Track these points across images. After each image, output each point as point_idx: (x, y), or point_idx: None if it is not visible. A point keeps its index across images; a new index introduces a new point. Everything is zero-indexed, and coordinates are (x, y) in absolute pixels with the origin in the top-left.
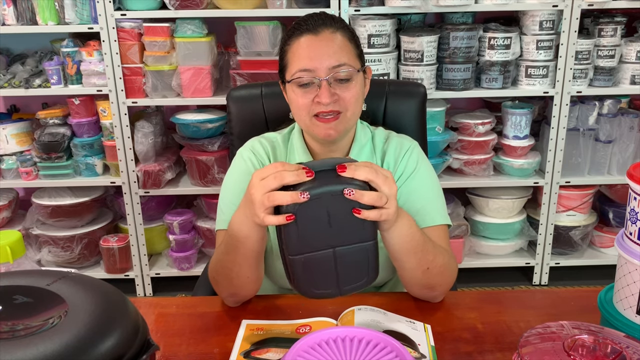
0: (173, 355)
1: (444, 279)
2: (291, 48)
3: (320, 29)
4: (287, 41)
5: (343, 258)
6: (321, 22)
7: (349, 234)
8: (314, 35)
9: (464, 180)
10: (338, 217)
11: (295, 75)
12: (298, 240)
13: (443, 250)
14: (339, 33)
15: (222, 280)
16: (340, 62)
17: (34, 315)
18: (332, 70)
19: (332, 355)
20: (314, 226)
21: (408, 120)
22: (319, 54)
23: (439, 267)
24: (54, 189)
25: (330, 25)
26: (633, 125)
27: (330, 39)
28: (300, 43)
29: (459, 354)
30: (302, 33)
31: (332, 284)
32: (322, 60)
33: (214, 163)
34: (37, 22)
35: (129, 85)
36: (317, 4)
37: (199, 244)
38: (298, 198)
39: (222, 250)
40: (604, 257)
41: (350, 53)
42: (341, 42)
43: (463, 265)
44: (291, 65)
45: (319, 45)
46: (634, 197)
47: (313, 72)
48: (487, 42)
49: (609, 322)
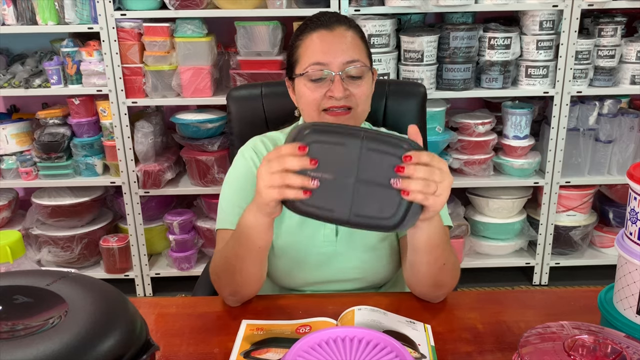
0: (173, 355)
1: (452, 278)
2: (303, 43)
3: (334, 26)
4: (299, 36)
5: (366, 187)
6: (335, 20)
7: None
8: (328, 31)
9: (464, 180)
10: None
11: (309, 69)
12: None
13: (452, 248)
14: (351, 31)
15: (225, 277)
16: (353, 58)
17: (34, 315)
18: (345, 66)
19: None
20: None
21: (408, 120)
22: (333, 49)
23: (452, 264)
24: (54, 189)
25: (344, 23)
26: (633, 125)
27: (343, 36)
28: (314, 38)
29: (459, 354)
30: (315, 28)
31: (343, 205)
32: (336, 55)
33: (214, 163)
34: (37, 22)
35: (129, 85)
36: (317, 4)
37: (199, 244)
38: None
39: (228, 246)
40: (604, 257)
41: (362, 51)
42: (353, 39)
43: (463, 265)
44: (303, 60)
45: (333, 40)
46: (634, 197)
47: (326, 65)
48: (487, 42)
49: (609, 322)
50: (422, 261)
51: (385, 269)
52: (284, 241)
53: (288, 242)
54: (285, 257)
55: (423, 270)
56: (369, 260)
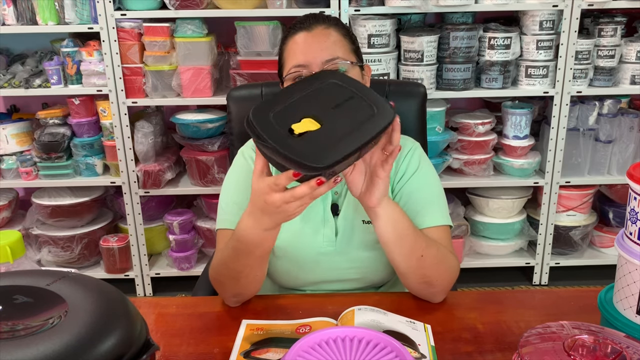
0: (173, 355)
1: (440, 273)
2: (287, 47)
3: (313, 26)
4: (283, 41)
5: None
6: (314, 21)
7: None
8: (308, 32)
9: (464, 180)
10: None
11: (291, 70)
12: None
13: (436, 242)
14: (332, 29)
15: (228, 281)
16: (333, 56)
17: (34, 315)
18: (326, 64)
19: (332, 355)
20: None
21: (408, 120)
22: (313, 49)
23: (434, 257)
24: (54, 189)
25: (324, 22)
26: (633, 125)
27: (323, 34)
28: (295, 40)
29: (459, 354)
30: (297, 32)
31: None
32: (316, 54)
33: (214, 163)
34: (37, 22)
35: (129, 85)
36: (317, 4)
37: (199, 244)
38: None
39: (229, 255)
40: (604, 257)
41: (344, 48)
42: (335, 37)
43: (463, 265)
44: (287, 63)
45: (312, 40)
46: (634, 197)
47: (307, 67)
48: (487, 42)
49: (609, 322)
50: (395, 254)
51: (385, 269)
52: (284, 241)
53: (288, 242)
54: (286, 257)
55: (400, 265)
56: (369, 260)
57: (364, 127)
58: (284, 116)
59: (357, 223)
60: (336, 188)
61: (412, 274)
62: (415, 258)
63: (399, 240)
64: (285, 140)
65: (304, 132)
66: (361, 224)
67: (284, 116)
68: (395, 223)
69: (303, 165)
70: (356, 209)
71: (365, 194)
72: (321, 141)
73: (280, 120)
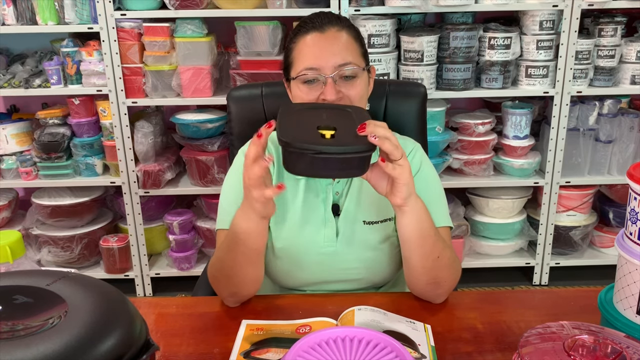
0: (173, 355)
1: (450, 275)
2: (297, 46)
3: (326, 27)
4: (293, 39)
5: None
6: (327, 21)
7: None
8: (320, 33)
9: (464, 180)
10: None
11: (301, 73)
12: None
13: (450, 245)
14: (344, 32)
15: (223, 279)
16: (345, 61)
17: (34, 315)
18: (338, 69)
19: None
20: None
21: (408, 120)
22: (325, 52)
23: (448, 259)
24: (54, 189)
25: (336, 23)
26: (633, 125)
27: (336, 37)
28: (307, 41)
29: (459, 354)
30: (309, 31)
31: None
32: (328, 58)
33: (213, 163)
34: (37, 22)
35: (129, 85)
36: (317, 4)
37: (198, 244)
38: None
39: (223, 249)
40: (604, 257)
41: (355, 52)
42: (347, 40)
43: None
44: (297, 63)
45: (325, 43)
46: (634, 197)
47: (318, 70)
48: (487, 42)
49: (609, 322)
50: (415, 253)
51: (386, 269)
52: (284, 241)
53: (288, 242)
54: (286, 257)
55: (417, 264)
56: (370, 261)
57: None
58: (304, 130)
59: (358, 223)
60: (337, 188)
61: (426, 275)
62: (432, 259)
63: (421, 240)
64: (327, 143)
65: (332, 134)
66: (362, 224)
67: (304, 130)
68: (421, 222)
69: (358, 152)
70: (357, 209)
71: (390, 194)
72: (348, 137)
73: (306, 133)
